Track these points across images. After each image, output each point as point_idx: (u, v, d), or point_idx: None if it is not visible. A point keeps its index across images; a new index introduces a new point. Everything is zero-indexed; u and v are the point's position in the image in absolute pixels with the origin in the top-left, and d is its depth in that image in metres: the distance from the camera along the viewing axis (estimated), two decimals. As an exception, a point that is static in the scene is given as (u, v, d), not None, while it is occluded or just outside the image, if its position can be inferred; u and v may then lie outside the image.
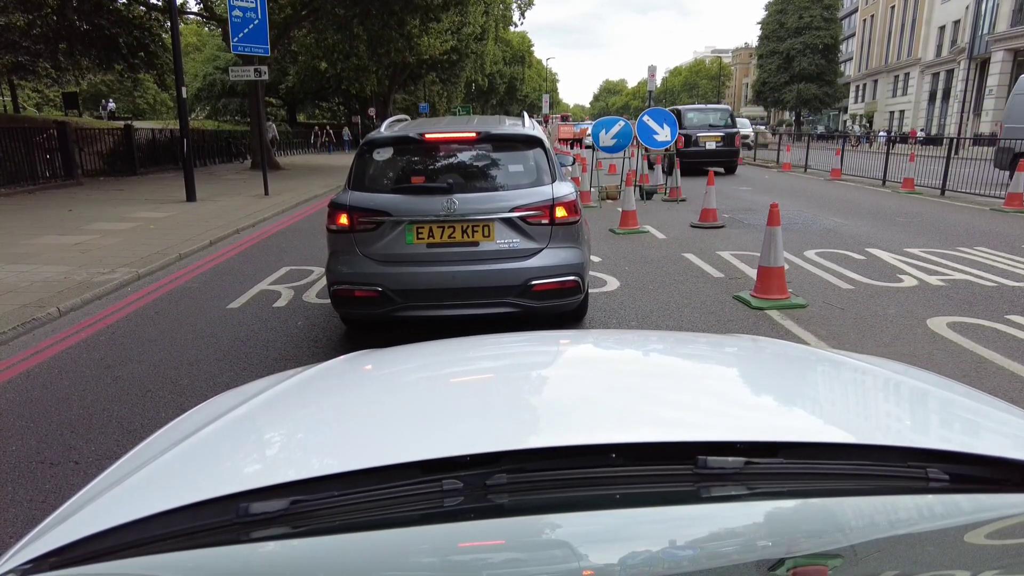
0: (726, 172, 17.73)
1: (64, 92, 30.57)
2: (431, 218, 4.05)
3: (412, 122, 5.00)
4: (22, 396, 3.86)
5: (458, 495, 0.76)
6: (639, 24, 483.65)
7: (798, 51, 52.80)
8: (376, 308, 4.13)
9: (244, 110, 36.74)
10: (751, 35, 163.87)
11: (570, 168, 6.37)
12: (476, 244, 4.08)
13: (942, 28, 41.93)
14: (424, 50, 27.46)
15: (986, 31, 32.74)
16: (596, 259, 7.11)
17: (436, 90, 43.33)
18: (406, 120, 5.10)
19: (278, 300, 5.79)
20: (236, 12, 12.59)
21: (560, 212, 4.14)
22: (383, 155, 4.38)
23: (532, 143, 4.35)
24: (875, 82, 52.97)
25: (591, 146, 12.78)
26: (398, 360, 1.37)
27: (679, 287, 6.03)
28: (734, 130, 17.97)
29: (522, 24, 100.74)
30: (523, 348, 1.46)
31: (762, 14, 57.80)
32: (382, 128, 4.59)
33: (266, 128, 29.32)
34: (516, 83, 64.38)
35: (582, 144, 29.20)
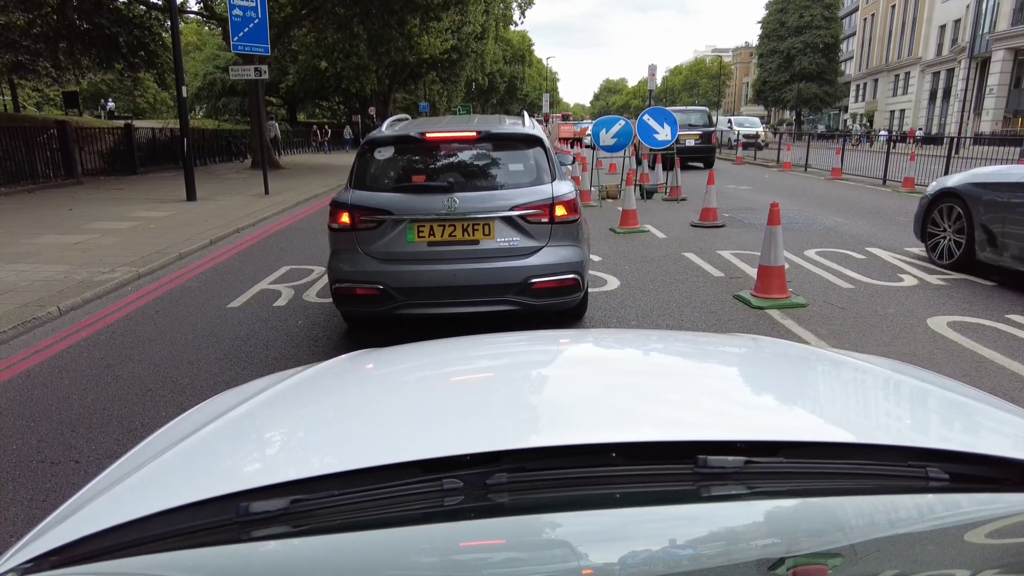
0: (704, 166, 19.43)
1: (64, 91, 30.62)
2: (432, 217, 4.08)
3: (413, 121, 5.01)
4: (22, 395, 3.87)
5: (458, 494, 0.76)
6: (639, 23, 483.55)
7: (798, 50, 52.80)
8: (377, 306, 4.15)
9: (244, 109, 36.75)
10: (751, 34, 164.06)
11: (570, 167, 6.38)
12: (476, 242, 4.11)
13: (943, 27, 41.93)
14: (424, 49, 27.48)
15: (987, 30, 32.74)
16: (596, 258, 7.11)
17: (436, 89, 43.33)
18: (407, 119, 5.11)
19: (278, 299, 5.80)
20: (236, 11, 12.58)
21: (560, 211, 4.16)
22: (384, 154, 4.41)
23: (532, 142, 4.38)
24: (875, 81, 52.97)
25: (591, 145, 12.78)
26: (398, 359, 1.37)
27: (679, 286, 6.03)
28: (711, 129, 20.26)
29: (522, 23, 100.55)
30: (523, 347, 1.46)
31: (762, 13, 57.85)
32: (383, 127, 4.62)
33: (268, 127, 29.38)
34: (516, 82, 64.34)
35: (582, 143, 29.20)
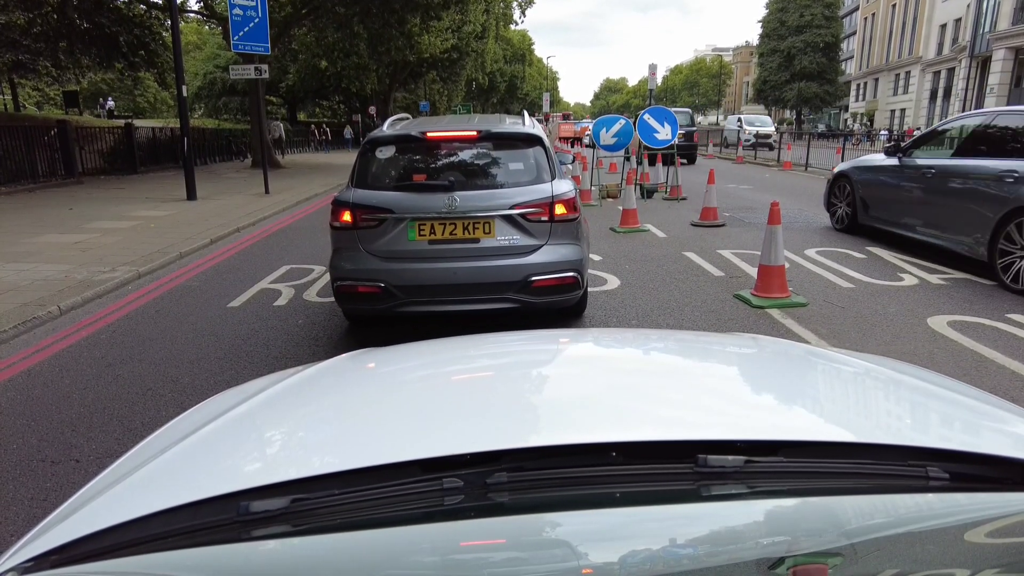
0: (688, 162, 21.58)
1: (64, 91, 30.62)
2: (433, 215, 4.10)
3: (414, 121, 5.04)
4: (23, 394, 3.87)
5: (458, 493, 0.76)
6: (640, 22, 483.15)
7: (799, 49, 52.76)
8: (379, 304, 4.18)
9: (244, 108, 36.74)
10: (752, 33, 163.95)
11: (570, 167, 6.38)
12: (477, 241, 4.14)
13: (943, 26, 41.87)
14: (424, 48, 27.46)
15: (987, 29, 32.68)
16: (597, 257, 7.11)
17: (437, 88, 43.31)
18: (408, 119, 5.13)
19: (278, 299, 5.80)
20: (236, 10, 12.57)
21: (559, 209, 4.18)
22: (386, 153, 4.44)
23: (532, 141, 4.41)
24: (876, 80, 52.91)
25: (591, 144, 12.77)
26: (398, 359, 1.37)
27: (679, 286, 6.03)
28: (693, 128, 22.80)
29: (522, 22, 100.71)
30: (523, 347, 1.46)
31: (763, 12, 57.83)
32: (384, 127, 4.65)
33: (274, 127, 29.41)
34: (517, 81, 64.31)
35: (582, 142, 29.19)
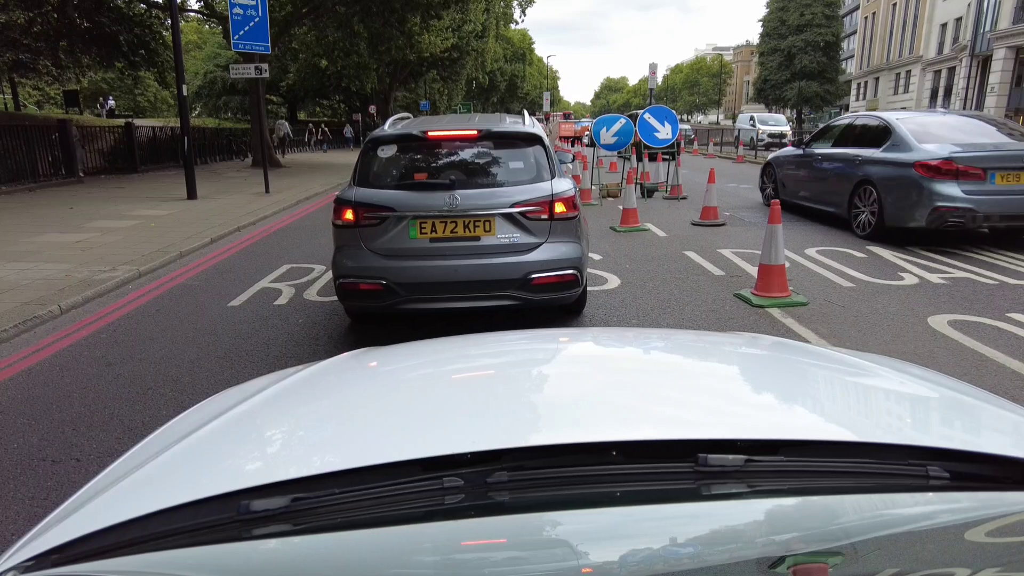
0: (671, 159, 21.91)
1: (65, 90, 30.62)
2: (434, 213, 4.14)
3: (415, 120, 5.07)
4: (23, 394, 3.87)
5: (459, 492, 0.76)
6: (640, 22, 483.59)
7: (799, 48, 52.70)
8: (380, 301, 4.23)
9: (245, 108, 36.72)
10: (752, 32, 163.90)
11: (570, 166, 6.39)
12: (478, 239, 4.18)
13: (944, 25, 41.82)
14: (425, 48, 27.47)
15: (988, 28, 32.65)
16: (597, 257, 7.11)
17: (437, 88, 43.30)
18: (409, 118, 5.15)
19: (279, 298, 5.80)
20: (237, 10, 12.56)
21: (559, 207, 4.22)
22: (387, 152, 4.49)
23: (532, 140, 4.45)
24: (876, 80, 52.86)
25: (591, 143, 12.77)
26: (399, 358, 1.38)
27: (680, 285, 6.03)
28: (677, 128, 22.88)
29: (523, 21, 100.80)
30: (524, 346, 1.46)
31: (763, 11, 57.76)
32: (386, 126, 4.69)
33: (279, 126, 29.43)
34: (517, 81, 64.28)
35: (581, 141, 29.19)
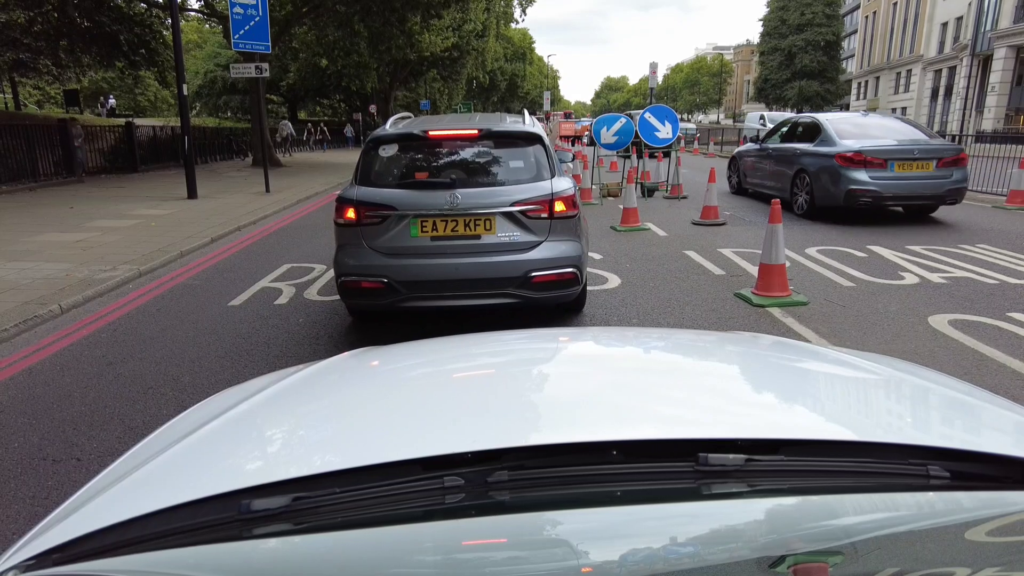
0: (663, 155, 22.34)
1: (65, 89, 30.59)
2: (435, 212, 4.17)
3: (416, 120, 5.10)
4: (24, 393, 3.87)
5: (459, 492, 0.76)
6: (640, 21, 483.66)
7: (800, 48, 52.74)
8: (382, 299, 4.26)
9: (245, 107, 36.71)
10: (753, 32, 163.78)
11: (570, 165, 6.40)
12: (478, 237, 4.21)
13: (944, 24, 41.79)
14: (425, 47, 27.47)
15: (989, 28, 32.62)
16: (597, 256, 7.11)
17: (437, 87, 43.28)
18: (410, 117, 5.17)
19: (279, 297, 5.80)
20: (237, 9, 12.56)
21: (559, 206, 4.26)
22: (388, 152, 4.52)
23: (532, 140, 4.48)
24: (877, 79, 52.83)
25: (591, 142, 12.76)
26: (399, 357, 1.38)
27: (680, 284, 6.03)
28: None
29: (523, 21, 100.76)
30: (524, 345, 1.46)
31: (764, 11, 57.79)
32: (387, 126, 4.72)
33: (282, 126, 29.44)
34: (517, 80, 64.27)
35: (582, 140, 29.18)
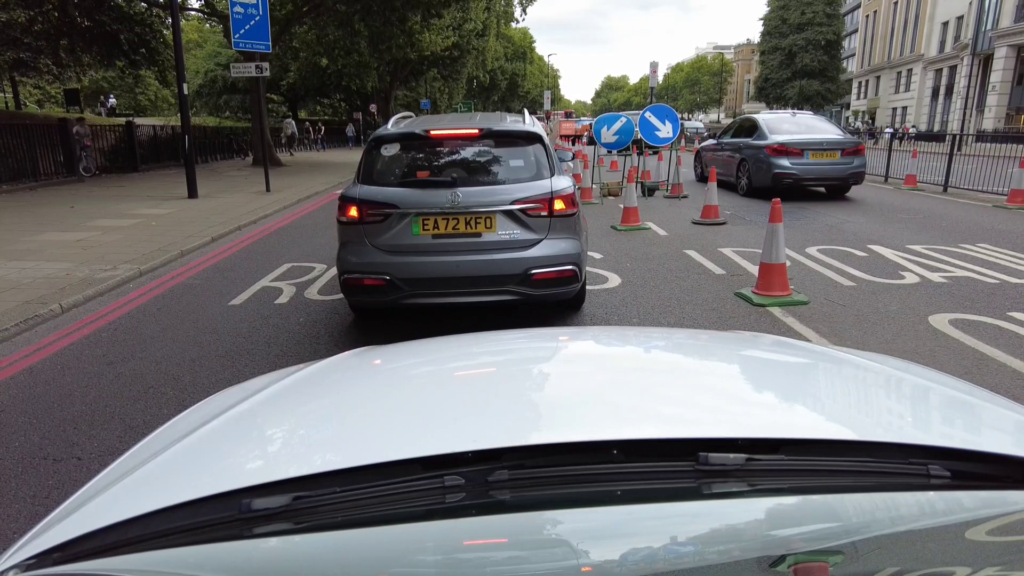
0: (652, 153, 22.81)
1: (65, 88, 30.58)
2: (436, 210, 4.22)
3: (417, 119, 5.16)
4: (25, 392, 3.87)
5: (460, 491, 0.76)
6: (641, 20, 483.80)
7: (800, 47, 52.68)
8: (384, 296, 4.31)
9: (245, 106, 36.70)
10: (753, 31, 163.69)
11: (571, 164, 6.42)
12: (479, 235, 4.25)
13: (945, 24, 41.78)
14: (425, 46, 27.45)
15: (989, 27, 32.61)
16: (598, 256, 7.11)
17: (438, 86, 43.28)
18: (411, 117, 5.22)
19: (280, 297, 5.80)
20: (237, 8, 12.56)
21: (558, 205, 4.31)
22: (390, 151, 4.58)
23: (532, 139, 4.53)
24: (877, 78, 52.83)
25: (591, 141, 12.76)
26: (400, 356, 1.38)
27: (680, 284, 6.03)
28: None
29: (523, 20, 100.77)
30: (524, 345, 1.46)
31: (764, 10, 57.74)
32: (389, 125, 4.79)
33: (286, 125, 29.42)
34: (518, 79, 64.22)
35: (582, 140, 29.14)
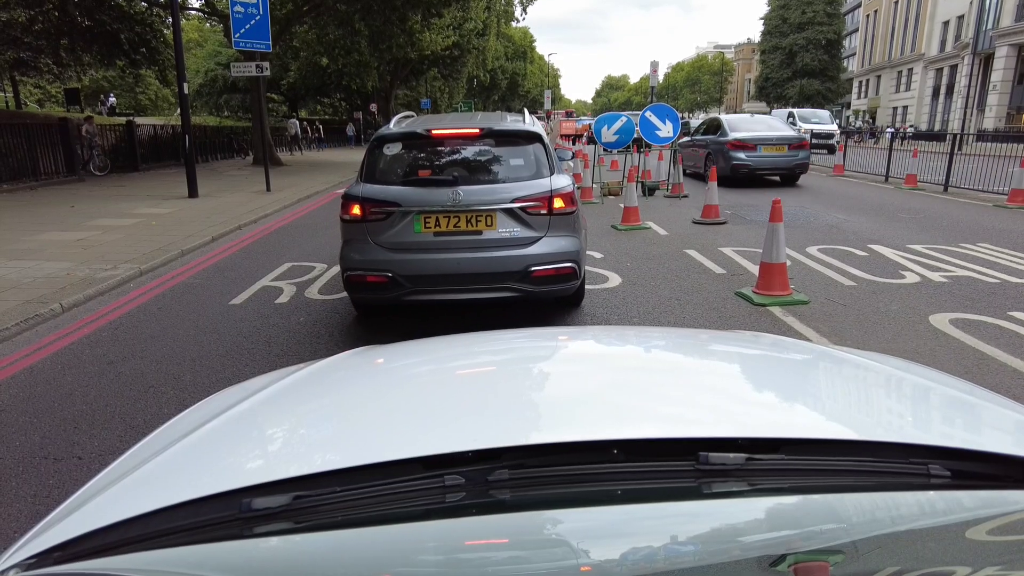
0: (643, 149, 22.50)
1: (66, 88, 30.59)
2: (438, 208, 4.26)
3: (418, 119, 5.22)
4: (25, 392, 3.88)
5: (460, 491, 0.76)
6: (641, 19, 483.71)
7: (801, 46, 52.64)
8: (386, 292, 4.36)
9: (246, 106, 36.71)
10: (754, 30, 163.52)
11: (571, 163, 6.44)
12: (480, 233, 4.30)
13: (946, 23, 41.74)
14: (426, 45, 27.43)
15: (990, 26, 32.57)
16: (598, 255, 7.11)
17: (438, 86, 43.26)
18: (413, 116, 5.26)
19: (280, 296, 5.80)
20: (237, 8, 12.56)
21: (558, 203, 4.36)
22: (392, 150, 4.63)
23: (532, 138, 4.57)
24: (878, 78, 52.79)
25: (591, 140, 12.77)
26: (400, 356, 1.38)
27: (681, 283, 6.03)
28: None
29: (524, 19, 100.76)
30: (525, 344, 1.46)
31: (765, 9, 57.69)
32: (391, 124, 4.83)
33: (290, 124, 29.45)
34: (518, 79, 64.18)
35: (583, 139, 29.12)
